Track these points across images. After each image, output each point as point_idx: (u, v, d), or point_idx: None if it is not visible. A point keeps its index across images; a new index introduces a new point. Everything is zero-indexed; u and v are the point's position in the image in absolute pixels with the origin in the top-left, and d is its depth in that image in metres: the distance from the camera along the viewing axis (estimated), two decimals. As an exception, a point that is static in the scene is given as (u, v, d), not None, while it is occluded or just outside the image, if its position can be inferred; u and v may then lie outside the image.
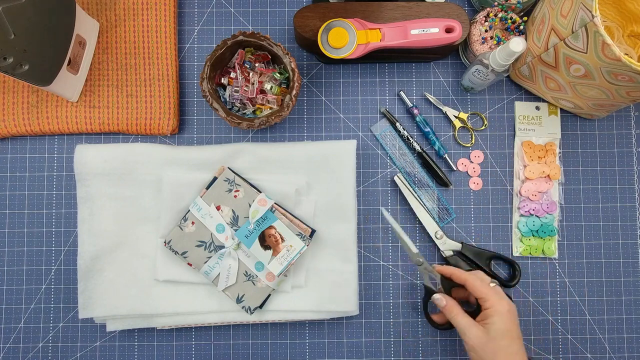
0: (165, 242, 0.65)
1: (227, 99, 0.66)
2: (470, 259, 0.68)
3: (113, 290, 0.65)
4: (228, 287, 0.65)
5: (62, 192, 0.70)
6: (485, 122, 0.72)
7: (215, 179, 0.66)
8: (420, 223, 0.69)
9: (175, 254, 0.65)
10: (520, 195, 0.70)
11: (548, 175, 0.70)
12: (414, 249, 0.64)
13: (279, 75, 0.66)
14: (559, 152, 0.71)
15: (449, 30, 0.64)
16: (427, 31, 0.63)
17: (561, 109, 0.72)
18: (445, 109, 0.71)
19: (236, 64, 0.66)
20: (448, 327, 0.63)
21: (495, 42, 0.66)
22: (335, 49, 0.63)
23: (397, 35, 0.64)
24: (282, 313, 0.66)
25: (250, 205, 0.65)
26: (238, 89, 0.65)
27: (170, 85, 0.69)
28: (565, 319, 0.70)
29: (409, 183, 0.69)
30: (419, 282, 0.69)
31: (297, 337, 0.69)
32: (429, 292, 0.64)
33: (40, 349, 0.68)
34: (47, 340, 0.68)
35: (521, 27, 0.67)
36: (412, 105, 0.71)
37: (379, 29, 0.64)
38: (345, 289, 0.66)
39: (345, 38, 0.62)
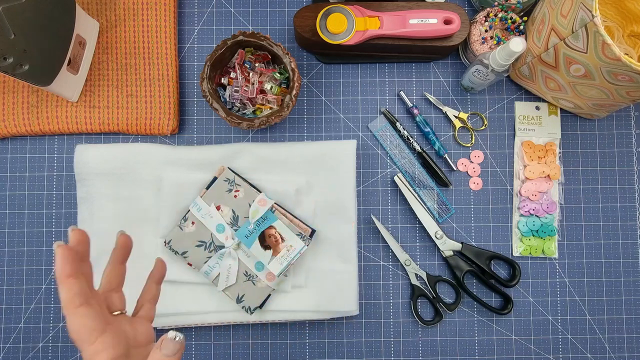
0: (165, 242, 0.65)
1: (227, 99, 0.66)
2: (470, 259, 0.68)
3: (113, 290, 0.65)
4: (228, 287, 0.65)
5: (62, 192, 0.70)
6: (485, 122, 0.72)
7: (215, 179, 0.66)
8: (420, 223, 0.69)
9: (175, 254, 0.65)
10: (520, 195, 0.70)
11: (548, 175, 0.70)
12: (403, 255, 0.69)
13: (279, 75, 0.66)
14: (559, 152, 0.71)
15: (447, 22, 0.64)
16: (425, 21, 0.63)
17: (561, 109, 0.72)
18: (445, 109, 0.71)
19: (236, 64, 0.66)
20: (437, 321, 0.68)
21: (495, 42, 0.66)
22: (333, 34, 0.63)
23: (395, 24, 0.64)
24: (282, 313, 0.66)
25: (250, 205, 0.65)
26: (238, 89, 0.65)
27: (170, 85, 0.69)
28: (565, 319, 0.70)
29: (409, 183, 0.69)
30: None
31: (297, 337, 0.69)
32: (415, 291, 0.69)
33: (40, 349, 0.68)
34: (47, 340, 0.68)
35: (521, 27, 0.67)
36: (412, 105, 0.71)
37: (378, 16, 0.64)
38: (345, 289, 0.66)
39: (343, 24, 0.63)
